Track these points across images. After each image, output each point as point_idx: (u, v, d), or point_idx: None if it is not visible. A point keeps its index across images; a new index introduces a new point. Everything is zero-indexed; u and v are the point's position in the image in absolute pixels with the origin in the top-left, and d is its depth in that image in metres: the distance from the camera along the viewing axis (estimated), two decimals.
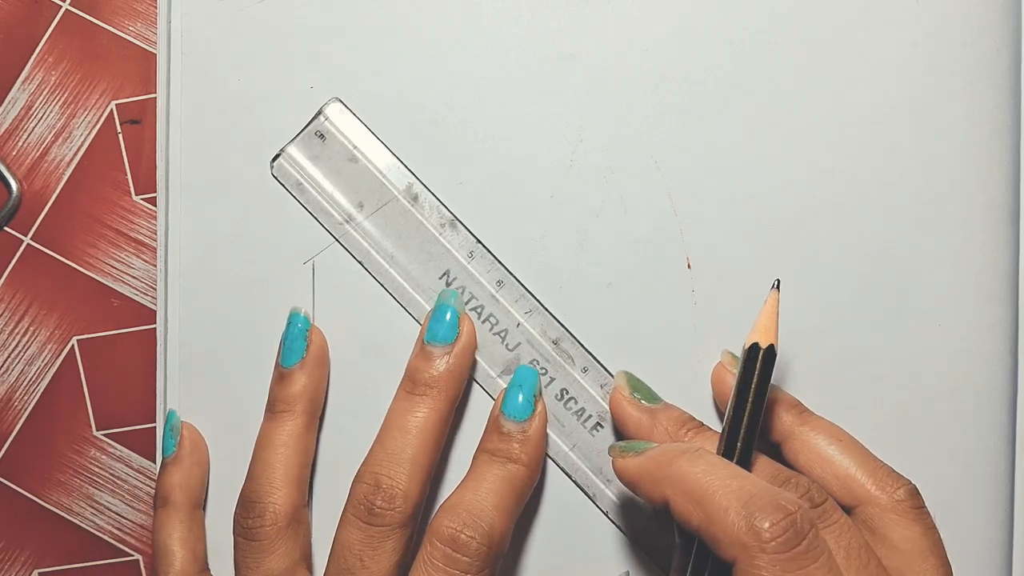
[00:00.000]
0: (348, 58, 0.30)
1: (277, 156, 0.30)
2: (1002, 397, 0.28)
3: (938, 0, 0.29)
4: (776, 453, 0.27)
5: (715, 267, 0.29)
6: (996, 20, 0.28)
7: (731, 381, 0.27)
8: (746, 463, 0.25)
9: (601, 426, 0.29)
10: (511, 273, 0.30)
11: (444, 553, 0.25)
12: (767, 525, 0.22)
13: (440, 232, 0.30)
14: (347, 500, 0.27)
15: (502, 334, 0.29)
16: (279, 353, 0.29)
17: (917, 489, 0.26)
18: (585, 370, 0.29)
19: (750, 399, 0.25)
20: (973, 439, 0.28)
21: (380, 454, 0.27)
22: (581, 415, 0.29)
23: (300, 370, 0.29)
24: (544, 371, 0.29)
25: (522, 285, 0.29)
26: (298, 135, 0.30)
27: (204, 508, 0.31)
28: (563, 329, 0.29)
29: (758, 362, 0.25)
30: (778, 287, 0.26)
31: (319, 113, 0.30)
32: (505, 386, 0.29)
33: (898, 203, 0.29)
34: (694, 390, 0.29)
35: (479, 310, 0.29)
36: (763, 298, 0.26)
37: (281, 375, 0.29)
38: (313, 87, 0.30)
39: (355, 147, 0.30)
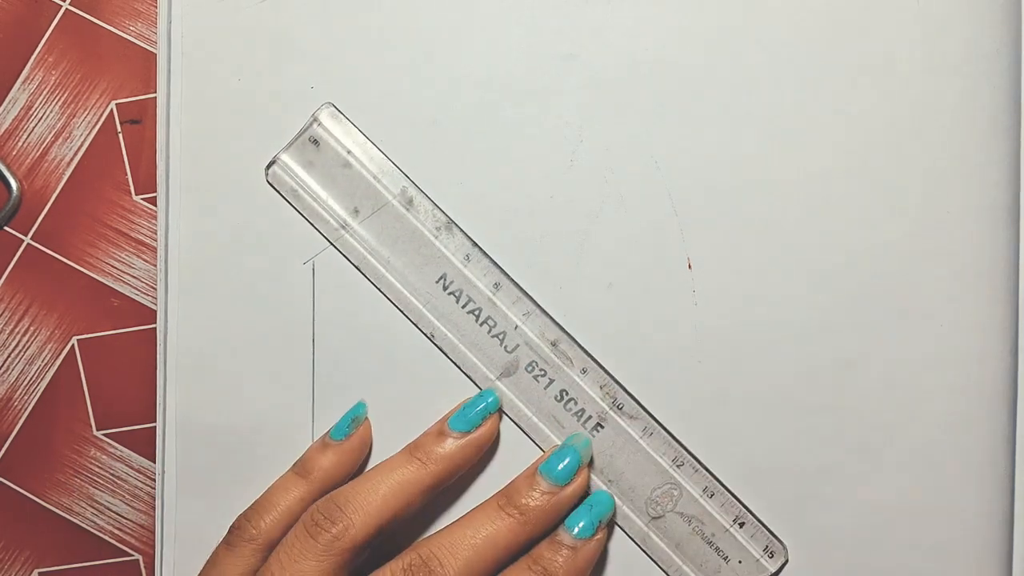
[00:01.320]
0: (348, 58, 0.30)
1: (272, 163, 0.30)
2: (1002, 398, 0.28)
3: (938, 0, 0.29)
4: None
5: (716, 267, 0.29)
6: (996, 20, 0.28)
7: None
8: None
9: (601, 426, 0.29)
10: (508, 275, 0.30)
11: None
12: None
13: (436, 236, 0.30)
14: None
15: (500, 336, 0.29)
16: (450, 419, 0.29)
17: None
18: (584, 371, 0.29)
19: None
20: (973, 439, 0.28)
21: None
22: (581, 416, 0.29)
23: (457, 438, 0.28)
24: (543, 372, 0.29)
25: (519, 287, 0.29)
26: (292, 142, 0.30)
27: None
28: (561, 331, 0.29)
29: None
30: None
31: (313, 119, 0.30)
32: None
33: (898, 203, 0.29)
34: (694, 391, 0.29)
35: (477, 313, 0.29)
36: (765, 301, 0.26)
37: (440, 431, 0.29)
38: (313, 87, 0.30)
39: (349, 152, 0.30)
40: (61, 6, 0.33)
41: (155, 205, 0.32)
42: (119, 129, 0.32)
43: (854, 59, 0.29)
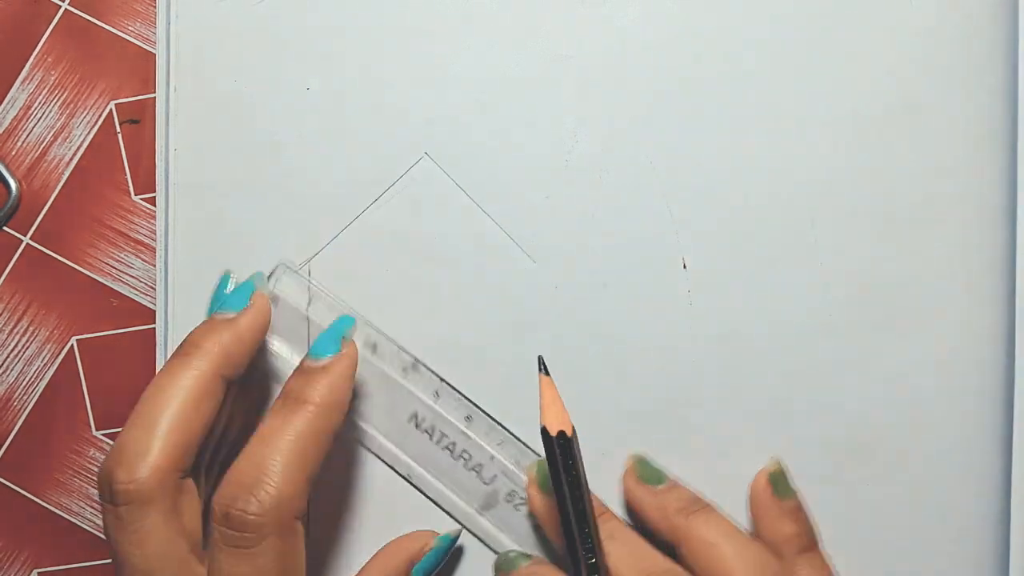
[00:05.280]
0: (345, 59, 0.30)
1: None
2: (999, 399, 0.28)
3: (932, 1, 0.29)
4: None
5: (711, 268, 0.29)
6: (992, 19, 0.29)
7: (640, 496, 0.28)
8: (595, 558, 0.24)
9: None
10: (478, 406, 0.29)
11: (221, 533, 0.23)
12: None
13: (403, 377, 0.29)
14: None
15: (477, 469, 0.29)
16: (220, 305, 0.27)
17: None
18: None
19: (566, 494, 0.24)
20: (969, 440, 0.28)
21: (129, 420, 0.25)
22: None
23: (231, 320, 0.26)
24: (523, 500, 0.29)
25: (490, 417, 0.29)
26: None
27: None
28: (536, 455, 0.29)
29: (556, 453, 0.24)
30: (545, 370, 0.25)
31: (271, 275, 0.30)
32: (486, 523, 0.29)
33: (895, 204, 0.29)
34: (690, 391, 0.29)
35: (451, 447, 0.29)
36: (761, 302, 0.26)
37: (207, 321, 0.27)
38: (309, 88, 0.31)
39: (306, 311, 0.30)
40: (60, 6, 0.33)
41: (154, 205, 0.32)
42: (118, 129, 0.32)
43: (849, 59, 0.29)
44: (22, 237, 0.33)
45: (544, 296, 0.30)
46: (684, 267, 0.29)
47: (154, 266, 0.32)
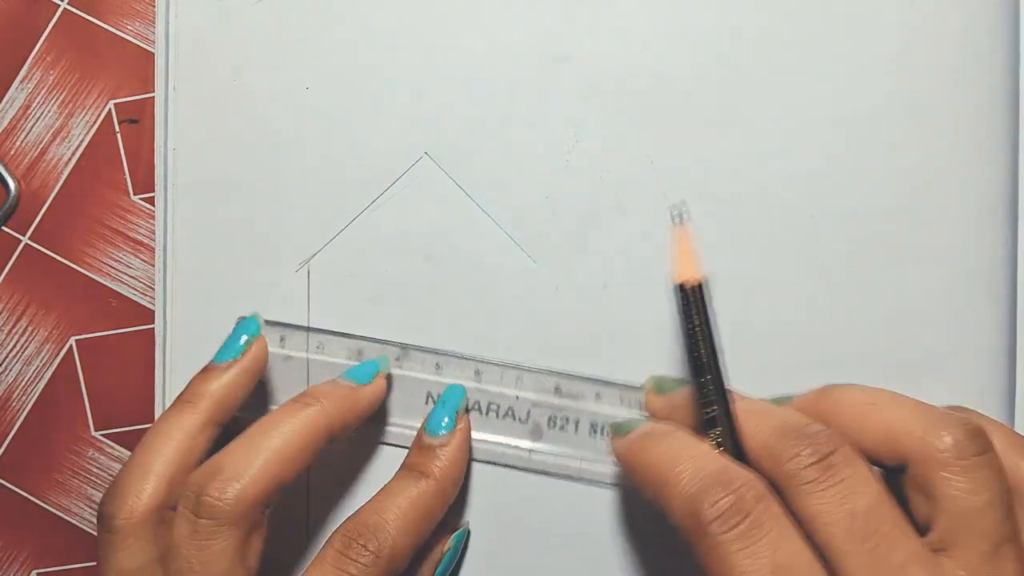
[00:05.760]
0: (344, 59, 0.30)
1: None
2: (999, 399, 0.28)
3: (933, 0, 0.29)
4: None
5: (711, 268, 0.29)
6: (992, 17, 0.29)
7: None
8: (725, 415, 0.23)
9: None
10: (482, 360, 0.29)
11: (339, 552, 0.25)
12: (706, 506, 0.21)
13: (400, 367, 0.30)
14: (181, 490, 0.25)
15: (510, 413, 0.29)
16: (218, 349, 0.28)
17: (974, 433, 0.21)
18: (599, 396, 0.29)
19: (701, 348, 0.24)
20: None
21: (235, 443, 0.26)
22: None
23: (224, 370, 0.27)
24: (566, 419, 0.29)
25: (498, 364, 0.29)
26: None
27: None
28: (555, 375, 0.29)
29: (691, 304, 0.24)
30: (680, 220, 0.25)
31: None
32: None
33: (895, 203, 0.29)
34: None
35: (477, 407, 0.29)
36: (761, 301, 0.26)
37: (205, 369, 0.28)
38: (308, 87, 0.31)
39: (319, 347, 0.30)
40: (59, 5, 0.33)
41: (153, 205, 0.32)
42: (117, 128, 0.32)
43: (849, 59, 0.29)
44: (21, 237, 0.33)
45: (544, 296, 0.30)
46: None
47: (153, 266, 0.32)
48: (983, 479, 0.21)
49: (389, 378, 0.29)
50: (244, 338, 0.28)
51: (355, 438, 0.29)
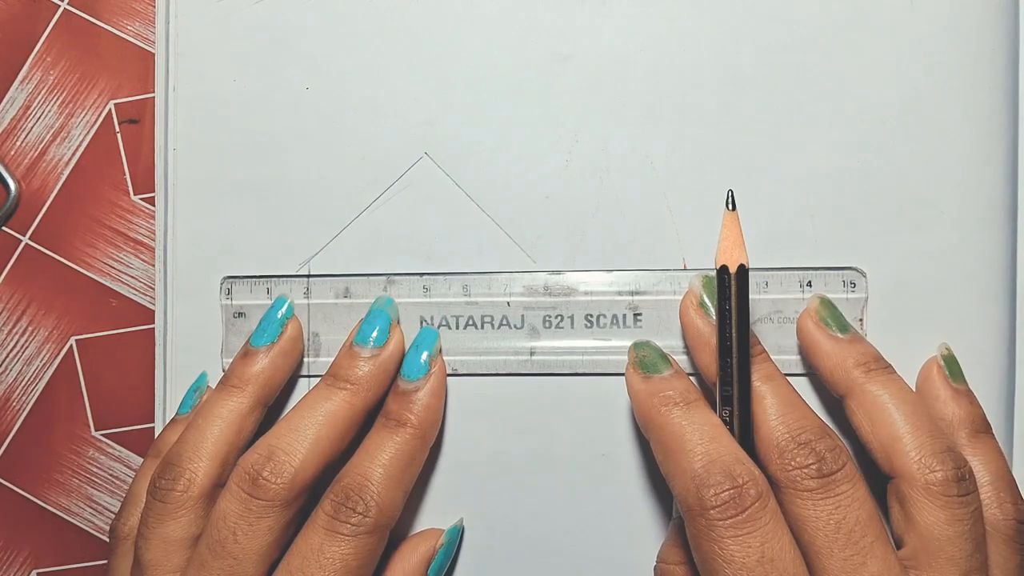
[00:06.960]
0: (343, 59, 0.30)
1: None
2: (999, 399, 0.28)
3: (932, 1, 0.29)
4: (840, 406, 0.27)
5: (712, 267, 0.29)
6: (992, 20, 0.29)
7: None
8: (745, 404, 0.25)
9: (639, 315, 0.29)
10: (469, 273, 0.30)
11: (329, 516, 0.25)
12: (711, 492, 0.23)
13: (385, 289, 0.30)
14: (234, 470, 0.26)
15: (504, 321, 0.30)
16: (253, 331, 0.29)
17: (963, 476, 0.24)
18: (588, 292, 0.29)
19: (732, 331, 0.25)
20: None
21: (282, 428, 0.27)
22: (619, 321, 0.29)
23: (264, 353, 0.28)
24: (559, 316, 0.29)
25: (485, 273, 0.30)
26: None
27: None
28: (540, 274, 0.30)
29: (731, 287, 0.25)
30: (732, 205, 0.25)
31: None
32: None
33: (895, 204, 0.29)
34: None
35: (471, 321, 0.30)
36: (761, 301, 0.26)
37: (245, 352, 0.29)
38: (308, 88, 0.31)
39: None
40: (59, 6, 0.33)
41: (153, 205, 0.32)
42: (117, 129, 0.32)
43: (849, 60, 0.29)
44: (21, 237, 0.33)
45: (541, 295, 0.30)
46: (684, 267, 0.29)
47: (153, 266, 0.32)
48: (961, 515, 0.23)
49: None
50: (280, 318, 0.29)
51: None
